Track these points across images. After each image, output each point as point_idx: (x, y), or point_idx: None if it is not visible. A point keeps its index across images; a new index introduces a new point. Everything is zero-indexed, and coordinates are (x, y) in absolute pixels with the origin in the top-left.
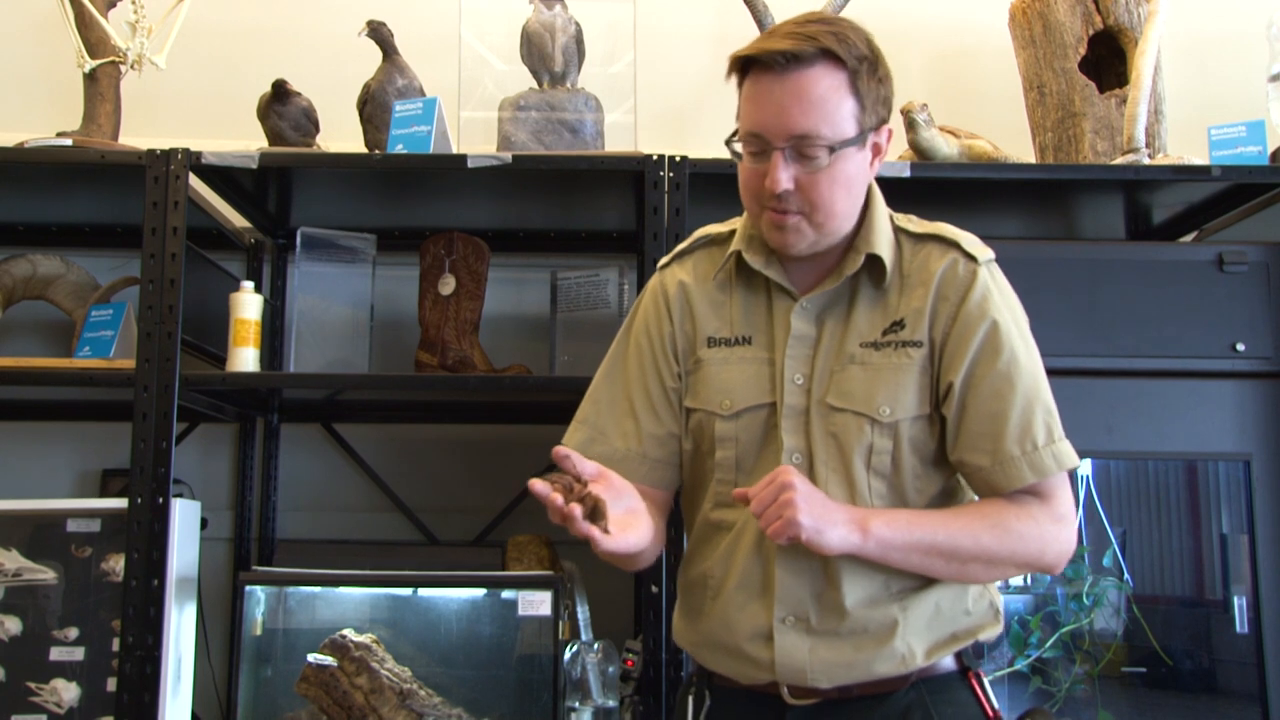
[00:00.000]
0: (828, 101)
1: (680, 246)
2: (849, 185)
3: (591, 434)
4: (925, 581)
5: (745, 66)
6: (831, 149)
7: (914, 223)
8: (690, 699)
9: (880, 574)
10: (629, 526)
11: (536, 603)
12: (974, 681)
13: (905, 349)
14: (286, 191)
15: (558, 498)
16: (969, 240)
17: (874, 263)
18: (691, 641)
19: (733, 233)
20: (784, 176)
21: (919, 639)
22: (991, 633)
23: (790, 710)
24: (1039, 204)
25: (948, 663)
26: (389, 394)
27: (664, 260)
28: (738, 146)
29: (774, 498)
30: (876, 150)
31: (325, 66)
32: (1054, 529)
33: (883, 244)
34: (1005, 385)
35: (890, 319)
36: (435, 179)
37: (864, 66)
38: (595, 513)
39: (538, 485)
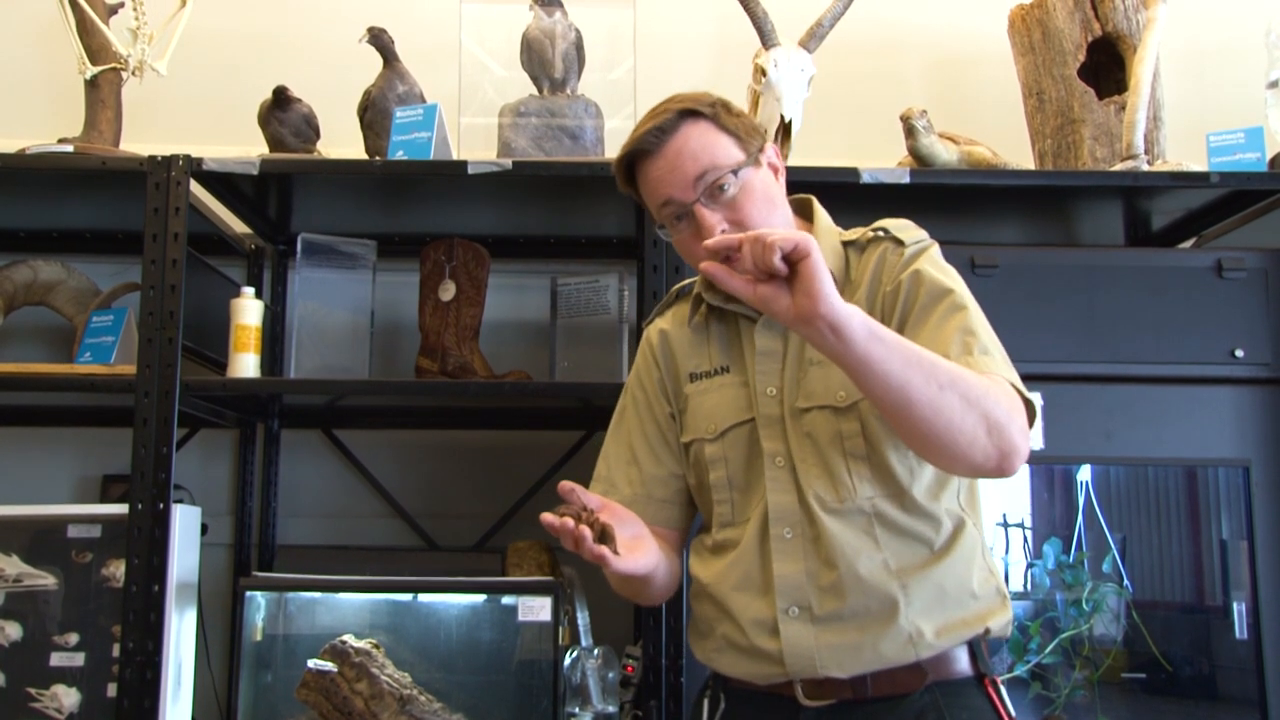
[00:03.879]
0: (707, 143)
1: (660, 303)
2: (769, 201)
3: (605, 488)
4: (924, 560)
5: (630, 164)
6: (735, 172)
7: (854, 232)
8: (705, 702)
9: (878, 552)
10: (636, 549)
11: (536, 608)
12: (990, 688)
13: None
14: (287, 198)
15: (569, 521)
16: (896, 226)
17: None
18: (706, 652)
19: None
20: (713, 220)
21: (926, 620)
22: (1001, 620)
23: (804, 711)
24: (1038, 210)
25: (963, 667)
26: (389, 400)
27: (649, 318)
28: (661, 233)
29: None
30: (774, 168)
31: (326, 73)
32: (1019, 418)
33: (829, 255)
34: (933, 315)
35: None
36: (435, 185)
37: (718, 108)
38: (604, 536)
39: (548, 517)
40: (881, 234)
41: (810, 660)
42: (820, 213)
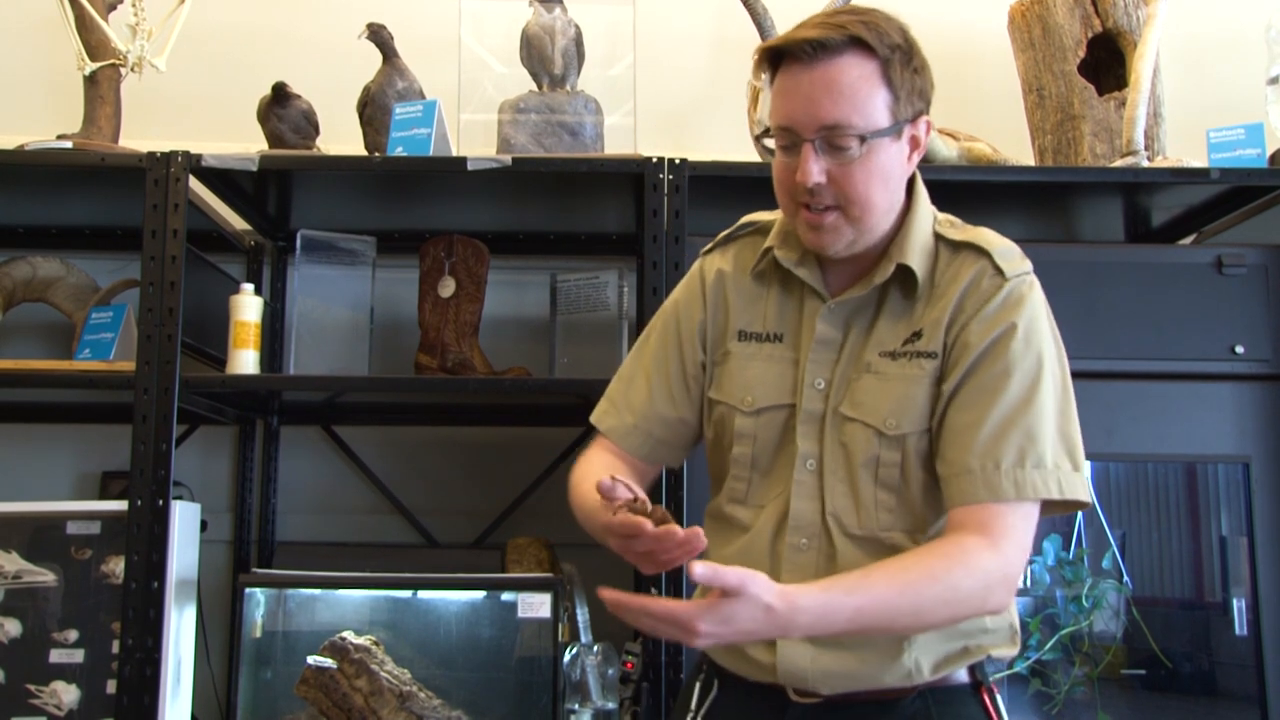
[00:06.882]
0: (858, 91)
1: (725, 232)
2: (885, 177)
3: (608, 407)
4: None
5: (775, 59)
6: (863, 139)
7: (955, 228)
8: (697, 685)
9: None
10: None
11: (536, 605)
12: (985, 696)
13: (919, 360)
14: (286, 194)
15: (646, 523)
16: (1002, 251)
17: (905, 273)
18: None
19: (775, 223)
20: (815, 169)
21: (927, 654)
22: (1006, 651)
23: (793, 707)
24: (1038, 206)
25: (960, 675)
26: (389, 396)
27: (708, 246)
28: (769, 142)
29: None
30: (915, 143)
31: (325, 69)
32: (997, 572)
33: (916, 253)
34: (987, 395)
35: (912, 329)
36: (435, 181)
37: (896, 56)
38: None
39: (620, 523)
40: (983, 252)
41: (803, 680)
42: (920, 199)
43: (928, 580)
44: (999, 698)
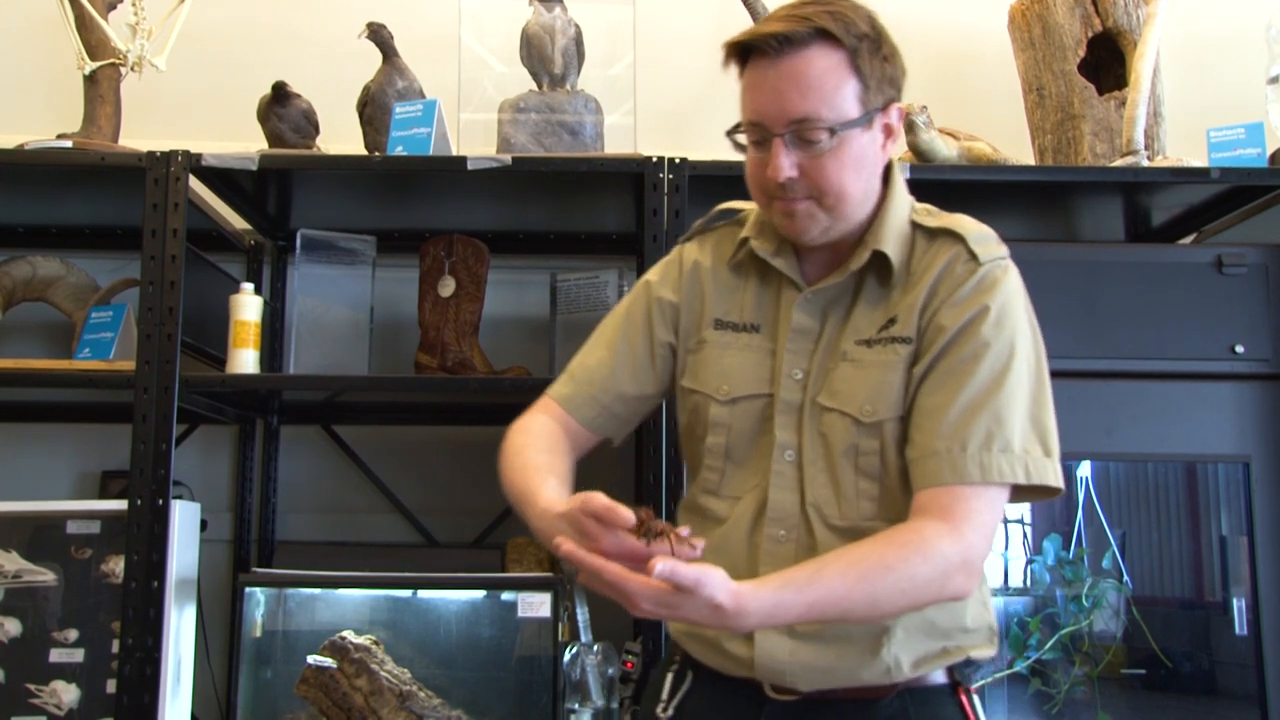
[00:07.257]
0: (825, 82)
1: (701, 221)
2: (857, 167)
3: (564, 378)
4: None
5: (742, 54)
6: (833, 131)
7: (931, 216)
8: (670, 676)
9: None
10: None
11: (536, 604)
12: (963, 697)
13: (894, 345)
14: (286, 193)
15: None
16: (977, 236)
17: (881, 260)
18: (677, 630)
19: (752, 213)
20: (785, 164)
21: (907, 652)
22: (984, 653)
23: (770, 704)
24: (1038, 206)
25: (938, 676)
26: (389, 396)
27: (687, 234)
28: (740, 138)
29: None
30: (888, 131)
31: (325, 68)
32: (956, 557)
33: (892, 240)
34: (956, 378)
35: (888, 316)
36: (435, 181)
37: (864, 45)
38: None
39: (660, 568)
40: (958, 238)
41: (781, 674)
42: (897, 188)
43: (882, 570)
44: (976, 699)
